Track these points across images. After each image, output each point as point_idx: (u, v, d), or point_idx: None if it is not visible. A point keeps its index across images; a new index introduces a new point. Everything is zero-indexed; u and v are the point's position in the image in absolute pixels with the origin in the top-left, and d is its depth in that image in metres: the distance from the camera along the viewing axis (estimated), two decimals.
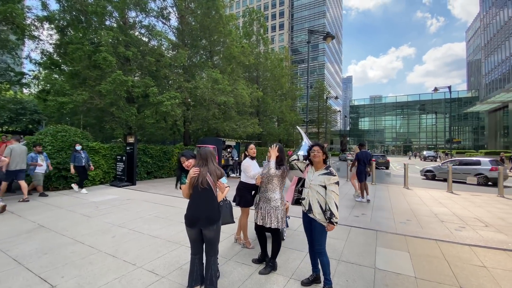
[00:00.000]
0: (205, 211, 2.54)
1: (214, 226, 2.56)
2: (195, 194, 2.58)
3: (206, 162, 2.68)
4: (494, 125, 43.35)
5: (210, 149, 2.81)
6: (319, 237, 2.79)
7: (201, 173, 2.56)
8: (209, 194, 2.59)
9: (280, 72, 23.59)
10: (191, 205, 2.59)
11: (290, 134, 29.69)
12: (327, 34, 16.22)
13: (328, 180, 2.71)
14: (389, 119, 73.10)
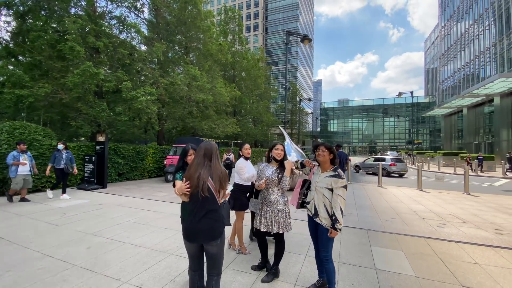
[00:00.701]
0: (206, 224, 2.08)
1: (217, 240, 2.12)
2: (193, 203, 2.11)
3: (210, 161, 2.16)
4: (450, 128, 47.91)
5: (214, 144, 2.26)
6: (326, 243, 2.63)
7: (201, 177, 2.07)
8: (211, 203, 2.11)
9: (257, 72, 23.55)
10: (189, 216, 2.13)
11: (266, 134, 29.82)
12: (304, 37, 16.53)
13: (335, 183, 2.53)
14: (356, 121, 77.27)
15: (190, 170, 2.16)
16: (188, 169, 2.20)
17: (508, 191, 11.22)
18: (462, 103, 38.07)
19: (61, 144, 7.20)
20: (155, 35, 12.97)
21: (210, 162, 2.17)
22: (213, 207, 2.12)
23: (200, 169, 2.12)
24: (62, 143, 7.26)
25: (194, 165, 2.17)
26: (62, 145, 7.22)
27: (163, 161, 12.13)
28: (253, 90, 23.77)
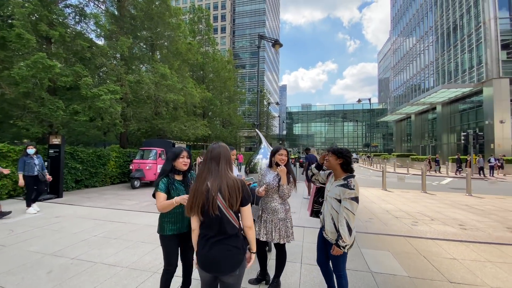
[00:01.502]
0: (221, 251, 1.67)
1: (236, 271, 1.72)
2: (207, 226, 1.71)
3: (217, 167, 1.74)
4: (400, 133, 53.07)
5: (224, 147, 1.85)
6: (336, 260, 2.35)
7: (210, 191, 1.66)
8: (226, 223, 1.67)
9: (227, 74, 23.24)
10: (201, 240, 1.73)
11: (235, 137, 29.55)
12: (275, 42, 16.81)
13: (343, 194, 2.23)
14: (318, 125, 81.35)
15: (197, 180, 1.76)
16: (196, 179, 1.80)
17: (455, 188, 12.65)
18: (410, 110, 42.42)
19: (31, 148, 6.15)
20: (118, 28, 11.89)
21: (217, 170, 1.75)
22: (228, 229, 1.69)
23: (208, 180, 1.71)
24: (32, 147, 6.22)
25: (202, 174, 1.76)
26: (33, 149, 6.17)
27: (129, 166, 11.13)
28: (223, 92, 23.37)
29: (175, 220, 2.28)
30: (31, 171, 6.03)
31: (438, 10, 36.90)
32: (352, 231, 2.19)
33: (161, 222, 2.32)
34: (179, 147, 2.43)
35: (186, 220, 2.30)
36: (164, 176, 2.27)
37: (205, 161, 1.82)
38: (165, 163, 2.35)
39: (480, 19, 27.07)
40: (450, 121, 34.75)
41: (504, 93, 24.88)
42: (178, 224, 2.28)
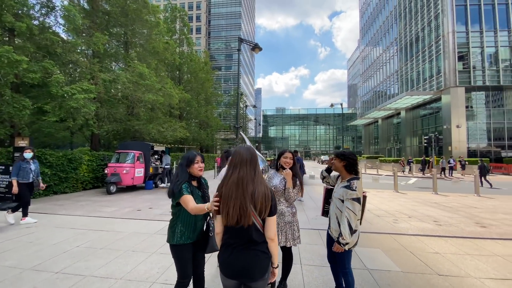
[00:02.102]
0: (250, 257, 1.61)
1: (265, 275, 1.65)
2: (234, 235, 1.63)
3: (252, 172, 1.65)
4: (368, 136, 56.37)
5: (253, 149, 1.77)
6: (342, 257, 2.46)
7: (242, 203, 1.57)
8: (254, 231, 1.61)
9: (205, 76, 22.87)
10: (227, 248, 1.65)
11: (212, 139, 29.12)
12: (255, 45, 16.98)
13: (345, 194, 2.36)
14: (292, 128, 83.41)
15: (224, 191, 1.64)
16: (221, 187, 1.69)
17: (421, 187, 13.70)
18: (378, 115, 45.30)
19: (29, 152, 5.54)
20: (92, 23, 11.14)
21: (254, 176, 1.65)
22: (257, 237, 1.62)
23: (239, 190, 1.60)
24: (30, 150, 5.60)
25: (231, 178, 1.66)
26: (31, 153, 5.57)
27: (103, 170, 10.43)
28: (200, 93, 22.92)
29: (189, 227, 2.15)
30: (27, 177, 5.44)
31: (402, 23, 40.00)
32: (353, 230, 2.28)
33: (173, 230, 2.18)
34: (191, 152, 2.29)
35: (199, 228, 2.21)
36: (181, 181, 2.15)
37: (234, 164, 1.72)
38: (180, 171, 2.19)
39: (439, 32, 29.85)
40: (413, 125, 37.73)
41: (460, 101, 27.65)
42: (192, 232, 2.17)
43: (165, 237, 4.62)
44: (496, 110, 28.70)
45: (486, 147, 28.52)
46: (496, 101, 28.94)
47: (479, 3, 27.99)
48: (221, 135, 40.70)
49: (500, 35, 27.63)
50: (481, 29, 27.98)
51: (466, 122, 27.67)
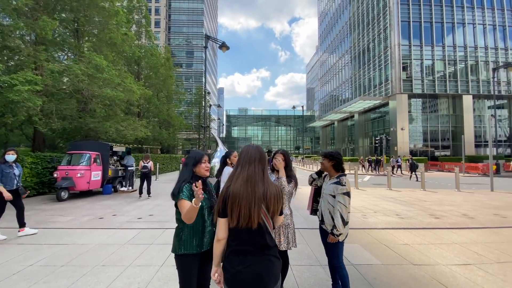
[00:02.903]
0: (263, 263, 1.48)
1: (278, 283, 1.55)
2: (245, 241, 1.49)
3: (260, 172, 1.58)
4: (325, 137, 59.97)
5: (260, 148, 1.69)
6: (335, 249, 2.63)
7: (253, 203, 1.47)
8: (265, 234, 1.50)
9: (167, 72, 21.65)
10: (237, 256, 1.49)
11: (175, 139, 27.77)
12: (222, 44, 16.71)
13: (336, 190, 2.55)
14: (255, 128, 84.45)
15: (234, 190, 1.52)
16: (228, 186, 1.56)
17: (375, 184, 15.01)
18: (334, 117, 48.47)
19: (12, 154, 4.75)
20: (35, 4, 9.62)
21: (263, 176, 1.57)
22: (269, 241, 1.52)
23: (249, 189, 1.51)
24: (13, 152, 4.79)
25: (239, 181, 1.54)
26: (14, 155, 4.80)
27: (50, 174, 9.10)
28: (161, 90, 21.60)
29: (197, 234, 1.92)
30: (10, 184, 4.67)
31: (355, 33, 43.42)
32: (345, 221, 2.47)
33: (179, 238, 1.95)
34: (196, 151, 2.12)
35: (209, 235, 1.97)
36: (184, 181, 1.94)
37: (242, 163, 1.62)
38: (184, 171, 2.01)
39: (387, 43, 33.13)
40: (365, 127, 41.26)
41: (404, 106, 31.06)
42: (200, 240, 1.94)
43: (139, 247, 4.22)
44: (432, 115, 32.99)
45: (423, 147, 32.54)
46: (432, 106, 33.25)
47: (420, 20, 31.85)
48: (183, 135, 39.14)
49: (436, 50, 31.84)
50: (421, 44, 31.87)
51: (408, 125, 31.24)
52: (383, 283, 3.11)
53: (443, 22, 31.85)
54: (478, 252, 4.02)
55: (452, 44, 31.84)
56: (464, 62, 31.88)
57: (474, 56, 31.96)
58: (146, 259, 3.73)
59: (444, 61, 31.91)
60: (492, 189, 10.99)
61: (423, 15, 31.81)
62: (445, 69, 31.88)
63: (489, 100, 32.33)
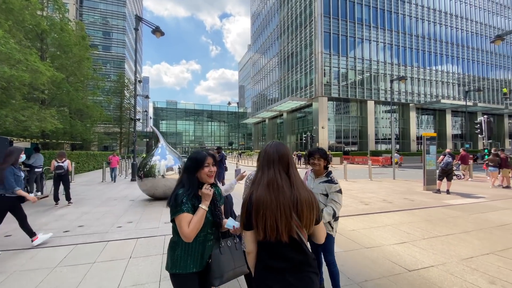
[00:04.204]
0: (307, 280, 1.32)
1: None
2: (278, 256, 1.32)
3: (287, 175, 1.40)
4: (257, 133, 62.42)
5: (285, 146, 1.49)
6: (329, 246, 2.68)
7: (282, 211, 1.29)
8: (299, 248, 1.33)
9: (83, 53, 18.08)
10: (271, 275, 1.31)
11: (91, 133, 23.71)
12: (156, 28, 15.21)
13: (329, 188, 2.59)
14: (186, 123, 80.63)
15: (256, 198, 1.33)
16: (251, 194, 1.37)
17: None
18: (266, 115, 50.96)
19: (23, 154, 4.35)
20: None
21: (289, 179, 1.38)
22: (302, 256, 1.34)
23: (272, 196, 1.32)
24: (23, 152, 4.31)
25: (261, 188, 1.35)
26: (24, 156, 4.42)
27: None
28: (75, 74, 17.87)
29: (195, 250, 1.65)
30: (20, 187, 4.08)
31: (284, 36, 46.48)
32: (337, 217, 2.63)
33: (173, 253, 1.66)
34: (197, 152, 1.79)
35: (209, 251, 1.71)
36: (189, 192, 1.63)
37: (262, 166, 1.44)
38: (187, 177, 1.69)
39: (312, 50, 36.75)
40: (292, 125, 44.95)
41: (324, 107, 35.21)
42: (200, 257, 1.68)
43: (77, 268, 3.40)
44: (344, 116, 38.61)
45: (337, 143, 37.82)
46: (345, 108, 38.88)
47: (338, 33, 36.57)
48: (100, 129, 33.87)
49: (349, 60, 37.23)
50: (338, 53, 36.69)
51: (328, 125, 35.70)
52: (350, 268, 3.43)
53: (355, 36, 37.47)
54: (407, 231, 4.92)
55: (361, 56, 37.87)
56: (368, 73, 38.41)
57: (376, 68, 38.90)
58: (94, 283, 3.04)
59: (354, 70, 37.65)
60: (394, 178, 13.69)
61: (340, 29, 36.65)
62: (355, 77, 37.71)
63: (384, 105, 40.00)
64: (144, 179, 7.93)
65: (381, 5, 39.15)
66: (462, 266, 3.40)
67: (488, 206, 7.05)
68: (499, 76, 48.71)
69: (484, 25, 47.28)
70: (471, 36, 46.05)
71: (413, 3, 41.55)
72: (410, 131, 40.47)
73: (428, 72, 42.43)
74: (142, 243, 4.35)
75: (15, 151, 4.16)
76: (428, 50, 42.39)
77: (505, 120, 48.21)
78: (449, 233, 4.75)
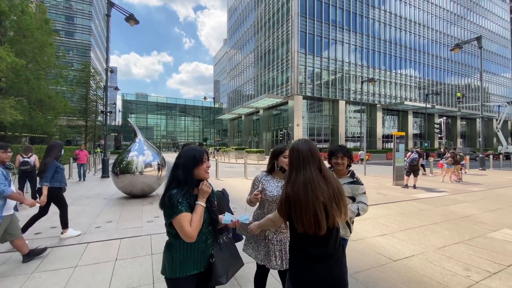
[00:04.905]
0: (340, 268, 1.45)
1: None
2: (317, 244, 1.41)
3: (320, 171, 1.46)
4: (233, 129, 62.00)
5: (309, 144, 1.53)
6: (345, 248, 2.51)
7: (320, 203, 1.36)
8: (333, 240, 1.44)
9: (46, 38, 16.37)
10: (305, 262, 1.41)
11: (50, 125, 21.69)
12: (130, 16, 14.42)
13: (356, 190, 2.38)
14: (158, 117, 77.38)
15: (294, 196, 1.40)
16: (291, 190, 1.42)
17: None
18: (242, 111, 50.79)
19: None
20: None
21: (320, 173, 1.45)
22: (332, 249, 1.44)
23: (310, 194, 1.38)
24: None
25: (296, 186, 1.41)
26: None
27: None
28: (36, 61, 16.15)
29: (194, 252, 1.59)
30: (64, 181, 4.44)
31: (261, 32, 46.55)
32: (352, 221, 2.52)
33: (170, 256, 1.58)
34: (192, 148, 1.69)
35: (208, 251, 1.66)
36: (184, 190, 1.55)
37: (295, 163, 1.48)
38: (185, 173, 1.59)
39: (289, 48, 37.29)
40: (268, 122, 45.38)
41: (299, 106, 36.06)
42: (200, 258, 1.62)
43: (59, 273, 3.11)
44: (318, 114, 39.93)
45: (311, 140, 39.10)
46: (318, 107, 40.18)
47: (313, 33, 37.51)
48: (63, 121, 31.20)
49: (323, 60, 38.45)
50: (313, 53, 37.70)
51: (302, 122, 36.66)
52: None
53: (329, 37, 38.76)
54: (385, 224, 5.27)
55: (334, 57, 39.31)
56: (340, 73, 40.04)
57: (348, 69, 40.66)
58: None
59: (328, 71, 39.01)
60: (365, 174, 14.52)
61: (316, 29, 37.64)
62: (328, 77, 39.11)
63: (354, 105, 42.05)
64: (121, 176, 7.50)
65: (353, 9, 40.88)
66: (439, 255, 3.74)
67: (450, 199, 7.80)
68: (454, 81, 53.75)
69: (443, 34, 51.67)
70: (431, 43, 50.07)
71: (382, 9, 43.98)
72: (377, 130, 43.08)
73: (394, 75, 45.39)
74: (126, 244, 4.13)
75: (56, 145, 4.48)
76: (394, 55, 45.29)
77: (458, 122, 53.46)
78: (421, 225, 5.18)
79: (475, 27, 56.28)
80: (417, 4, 47.81)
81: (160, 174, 7.90)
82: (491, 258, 3.65)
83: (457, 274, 3.17)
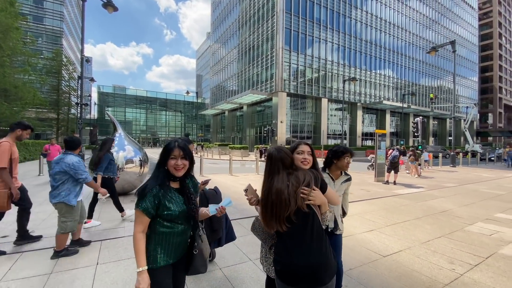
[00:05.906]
0: (323, 250, 1.51)
1: (334, 277, 1.53)
2: (294, 234, 1.51)
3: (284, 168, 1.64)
4: (216, 125, 61.17)
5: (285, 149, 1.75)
6: (339, 245, 2.56)
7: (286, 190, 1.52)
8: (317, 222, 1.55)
9: (10, 21, 14.95)
10: (289, 249, 1.51)
11: (16, 117, 20.08)
12: (108, 2, 13.57)
13: (349, 186, 2.53)
14: (137, 111, 74.37)
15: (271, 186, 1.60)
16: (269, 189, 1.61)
17: None
18: (225, 107, 50.18)
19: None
20: None
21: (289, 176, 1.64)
22: (320, 228, 1.57)
23: (280, 179, 1.59)
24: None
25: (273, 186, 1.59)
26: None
27: None
28: (1, 46, 14.71)
29: (169, 244, 1.62)
30: (115, 171, 5.08)
31: (245, 28, 46.05)
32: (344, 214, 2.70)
33: (151, 248, 1.59)
34: (172, 140, 1.68)
35: (183, 244, 1.70)
36: (157, 184, 1.58)
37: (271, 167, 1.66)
38: (156, 169, 1.64)
39: (274, 44, 37.21)
40: (252, 118, 45.23)
41: (283, 102, 36.24)
42: (174, 250, 1.65)
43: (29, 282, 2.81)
44: (301, 111, 40.43)
45: (293, 138, 39.53)
46: (301, 104, 40.63)
47: (298, 30, 37.69)
48: (31, 114, 29.00)
49: (307, 58, 38.83)
50: (298, 51, 37.92)
51: (286, 119, 36.94)
52: None
53: (313, 35, 39.16)
54: (371, 219, 5.38)
55: (317, 55, 39.83)
56: (323, 71, 40.70)
57: (330, 68, 41.42)
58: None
59: (311, 68, 39.50)
60: None
61: (300, 26, 37.84)
62: (312, 75, 39.62)
63: (336, 103, 43.01)
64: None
65: (337, 8, 41.53)
66: (424, 249, 3.86)
67: (428, 195, 8.18)
68: (428, 83, 56.63)
69: (418, 37, 54.08)
70: (408, 46, 52.25)
71: (364, 9, 45.10)
72: (357, 128, 44.44)
73: (373, 75, 46.92)
74: (108, 246, 3.86)
75: (108, 140, 5.17)
76: (374, 55, 46.74)
77: (431, 121, 56.56)
78: (405, 220, 5.35)
79: (447, 32, 59.46)
80: (396, 7, 49.54)
81: (142, 170, 7.54)
82: (471, 251, 3.82)
83: (443, 268, 3.28)
